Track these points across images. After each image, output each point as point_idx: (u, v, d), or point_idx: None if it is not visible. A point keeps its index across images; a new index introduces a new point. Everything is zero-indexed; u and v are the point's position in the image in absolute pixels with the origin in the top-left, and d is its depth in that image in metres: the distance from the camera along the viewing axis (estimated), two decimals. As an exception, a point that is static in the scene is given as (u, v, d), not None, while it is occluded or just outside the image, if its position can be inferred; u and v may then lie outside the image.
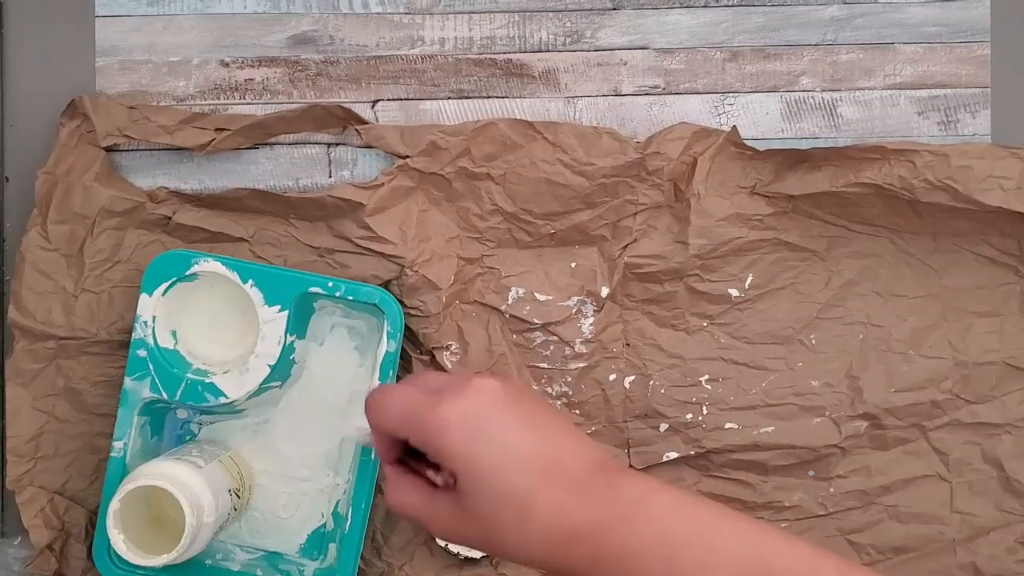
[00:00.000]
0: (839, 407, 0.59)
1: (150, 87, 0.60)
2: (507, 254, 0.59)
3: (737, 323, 0.59)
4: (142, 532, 0.52)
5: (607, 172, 0.58)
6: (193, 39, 0.60)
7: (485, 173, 0.58)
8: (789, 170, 0.58)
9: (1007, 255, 0.58)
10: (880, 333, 0.59)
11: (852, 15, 0.60)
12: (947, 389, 0.58)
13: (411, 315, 0.57)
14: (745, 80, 0.60)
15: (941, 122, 0.60)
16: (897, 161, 0.56)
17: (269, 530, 0.58)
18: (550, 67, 0.60)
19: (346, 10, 0.60)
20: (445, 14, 0.60)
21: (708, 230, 0.58)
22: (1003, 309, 0.59)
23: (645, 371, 0.59)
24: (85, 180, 0.57)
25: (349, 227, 0.57)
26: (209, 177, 0.60)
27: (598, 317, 0.59)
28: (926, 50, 0.60)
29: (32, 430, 0.57)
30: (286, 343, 0.55)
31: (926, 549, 0.58)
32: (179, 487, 0.50)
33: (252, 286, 0.55)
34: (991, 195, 0.55)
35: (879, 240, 0.59)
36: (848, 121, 0.60)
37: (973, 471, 0.59)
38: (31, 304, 0.57)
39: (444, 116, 0.60)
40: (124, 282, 0.58)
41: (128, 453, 0.55)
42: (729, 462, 0.59)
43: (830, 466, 0.59)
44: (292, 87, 0.60)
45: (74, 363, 0.58)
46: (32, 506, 0.57)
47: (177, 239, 0.58)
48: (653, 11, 0.60)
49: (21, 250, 0.57)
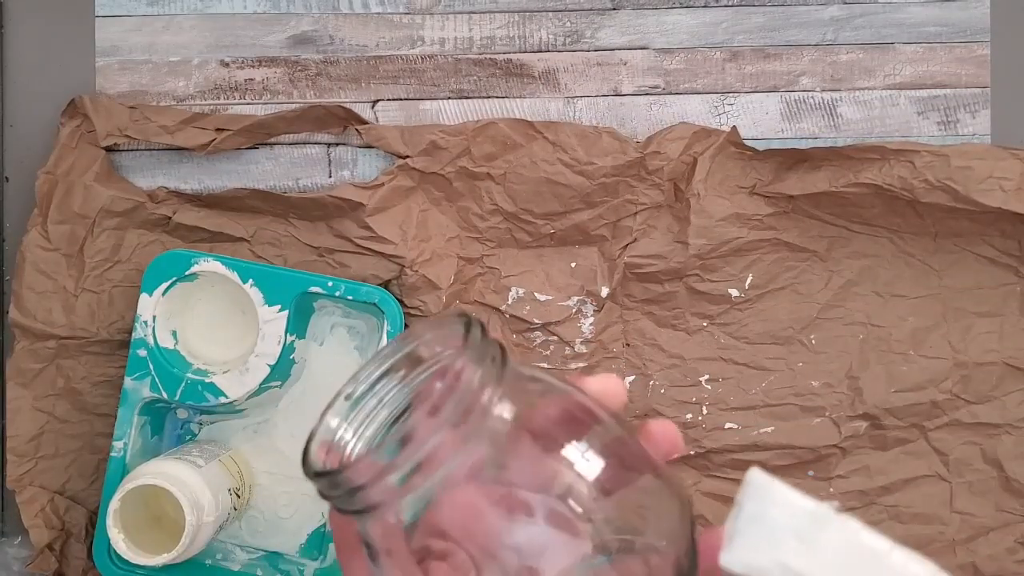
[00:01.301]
0: (839, 407, 0.59)
1: (150, 87, 0.60)
2: (507, 254, 0.59)
3: (737, 323, 0.59)
4: (142, 532, 0.52)
5: (607, 172, 0.58)
6: (193, 39, 0.60)
7: (485, 173, 0.58)
8: (789, 170, 0.58)
9: (1007, 255, 0.58)
10: (880, 333, 0.59)
11: (852, 15, 0.60)
12: (947, 389, 0.58)
13: (411, 315, 0.57)
14: (745, 80, 0.60)
15: (941, 122, 0.60)
16: (897, 161, 0.56)
17: (269, 530, 0.58)
18: (550, 67, 0.60)
19: (346, 10, 0.60)
20: (445, 14, 0.60)
21: (708, 230, 0.58)
22: (1003, 309, 0.59)
23: (645, 371, 0.59)
24: (85, 180, 0.57)
25: (349, 227, 0.57)
26: (209, 177, 0.60)
27: (598, 317, 0.59)
28: (926, 50, 0.60)
29: (32, 430, 0.57)
30: (286, 343, 0.55)
31: (926, 549, 0.58)
32: (179, 486, 0.50)
33: (252, 286, 0.55)
34: (991, 196, 0.55)
35: (879, 240, 0.59)
36: (848, 121, 0.60)
37: (973, 471, 0.59)
38: (31, 304, 0.57)
39: (444, 116, 0.60)
40: (124, 282, 0.58)
41: (128, 453, 0.55)
42: (729, 462, 0.59)
43: (830, 466, 0.59)
44: (292, 87, 0.60)
45: (74, 363, 0.58)
46: (32, 506, 0.57)
47: (177, 239, 0.58)
48: (653, 11, 0.60)
49: (21, 250, 0.57)
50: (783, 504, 0.20)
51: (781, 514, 0.20)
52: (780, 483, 0.21)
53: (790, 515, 0.20)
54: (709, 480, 0.59)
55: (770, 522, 0.20)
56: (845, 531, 0.20)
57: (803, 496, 0.20)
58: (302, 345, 0.58)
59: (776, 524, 0.20)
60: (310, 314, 0.58)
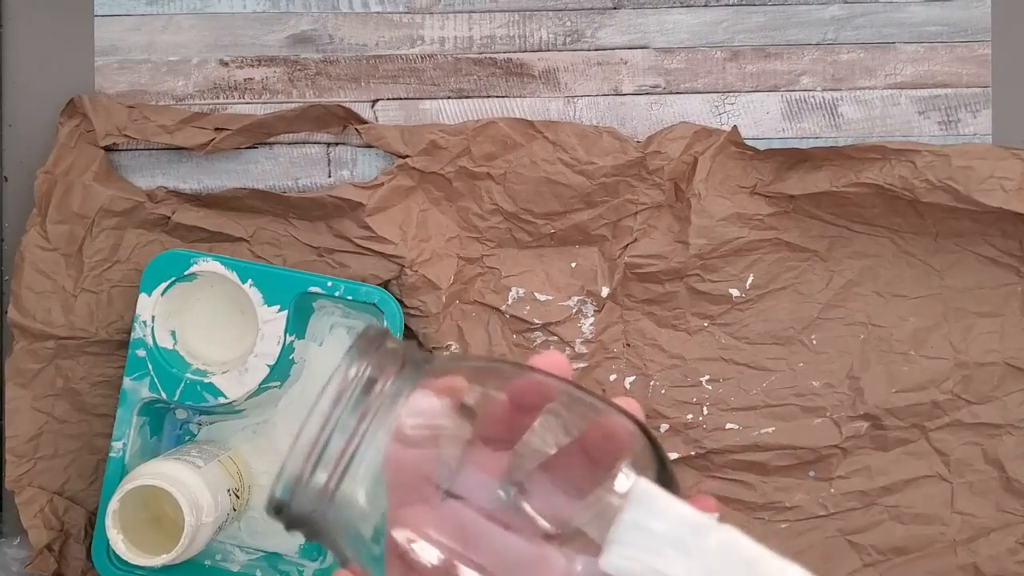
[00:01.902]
0: (840, 407, 0.58)
1: (149, 87, 0.60)
2: (507, 254, 0.59)
3: (738, 323, 0.59)
4: (141, 532, 0.52)
5: (607, 171, 0.57)
6: (192, 38, 0.60)
7: (485, 172, 0.58)
8: (790, 170, 0.58)
9: (1008, 255, 0.58)
10: (881, 333, 0.59)
11: (853, 14, 0.60)
12: (948, 390, 0.58)
13: (411, 315, 0.57)
14: (745, 80, 0.60)
15: (942, 122, 0.60)
16: (898, 161, 0.56)
17: (269, 531, 0.58)
18: (550, 66, 0.60)
19: (346, 9, 0.60)
20: (445, 13, 0.60)
21: (709, 230, 0.58)
22: (1004, 309, 0.59)
23: (645, 371, 0.59)
24: (84, 180, 0.57)
25: (349, 227, 0.57)
26: (208, 177, 0.60)
27: (598, 317, 0.59)
28: (927, 49, 0.60)
29: (31, 430, 0.57)
30: (285, 343, 0.55)
31: (927, 550, 0.58)
32: (178, 487, 0.50)
33: (251, 286, 0.55)
34: (992, 196, 0.55)
35: (880, 240, 0.59)
36: (849, 121, 0.60)
37: (974, 472, 0.59)
38: (30, 304, 0.57)
39: (444, 115, 0.60)
40: (123, 282, 0.58)
41: (127, 453, 0.55)
42: (729, 463, 0.59)
43: (831, 467, 0.59)
44: (292, 87, 0.60)
45: (73, 363, 0.58)
46: (31, 506, 0.57)
47: (176, 239, 0.58)
48: (653, 10, 0.60)
49: (20, 250, 0.57)
50: (663, 514, 0.21)
51: (661, 523, 0.20)
52: (664, 493, 0.21)
53: (669, 524, 0.20)
54: (709, 480, 0.59)
55: (649, 530, 0.20)
56: (722, 540, 0.20)
57: (684, 505, 0.21)
58: (301, 345, 0.58)
59: (655, 532, 0.20)
60: (309, 314, 0.58)
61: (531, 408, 0.27)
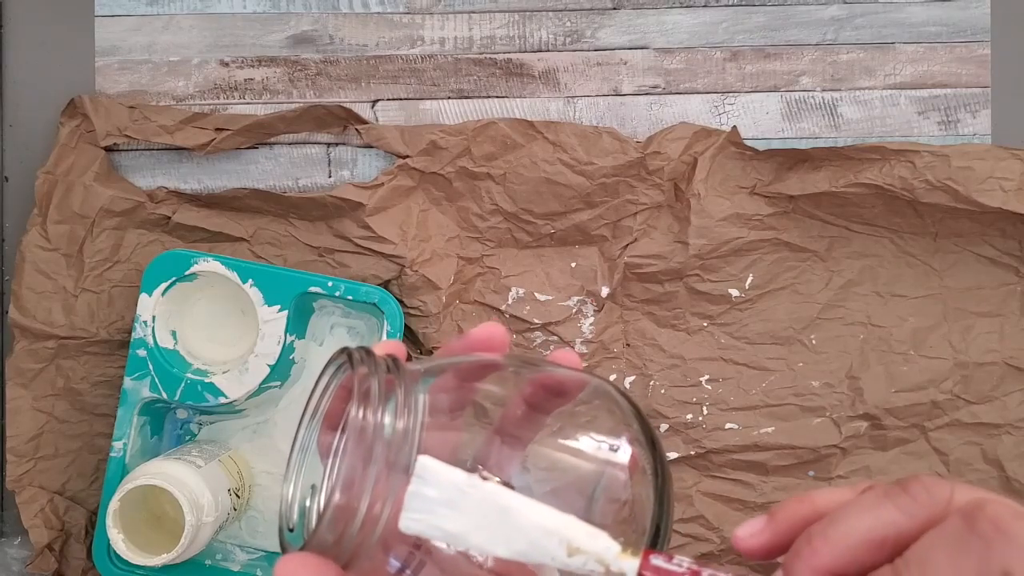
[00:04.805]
0: (839, 407, 0.59)
1: (149, 87, 0.60)
2: (507, 254, 0.59)
3: (737, 323, 0.59)
4: (142, 532, 0.52)
5: (607, 172, 0.57)
6: (193, 39, 0.60)
7: (485, 173, 0.58)
8: (789, 170, 0.58)
9: (1008, 255, 0.58)
10: (880, 333, 0.59)
11: (852, 15, 0.60)
12: (947, 389, 0.58)
13: (411, 315, 0.57)
14: (745, 80, 0.60)
15: (941, 122, 0.60)
16: (897, 161, 0.56)
17: (269, 530, 0.58)
18: (550, 67, 0.60)
19: (346, 10, 0.60)
20: (445, 14, 0.60)
21: (708, 230, 0.58)
22: (1004, 309, 0.59)
23: (645, 371, 0.59)
24: (85, 180, 0.57)
25: (349, 227, 0.57)
26: (209, 177, 0.60)
27: (598, 317, 0.59)
28: (926, 50, 0.60)
29: (32, 430, 0.57)
30: (286, 343, 0.55)
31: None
32: (178, 486, 0.50)
33: (252, 286, 0.55)
34: (991, 196, 0.55)
35: (879, 240, 0.59)
36: (848, 121, 0.60)
37: (973, 471, 0.59)
38: (31, 304, 0.57)
39: (444, 116, 0.60)
40: (124, 282, 0.58)
41: (128, 453, 0.55)
42: (729, 462, 0.59)
43: (830, 466, 0.59)
44: (292, 87, 0.60)
45: (74, 363, 0.58)
46: (32, 506, 0.57)
47: (177, 239, 0.58)
48: (653, 11, 0.60)
49: (21, 250, 0.57)
50: (436, 481, 0.25)
51: (434, 489, 0.25)
52: (440, 464, 0.25)
53: (442, 488, 0.25)
54: (709, 480, 0.59)
55: (426, 495, 0.25)
56: (486, 495, 0.25)
57: (456, 471, 0.25)
58: (302, 345, 0.58)
59: (430, 496, 0.25)
60: (310, 314, 0.58)
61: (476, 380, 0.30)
